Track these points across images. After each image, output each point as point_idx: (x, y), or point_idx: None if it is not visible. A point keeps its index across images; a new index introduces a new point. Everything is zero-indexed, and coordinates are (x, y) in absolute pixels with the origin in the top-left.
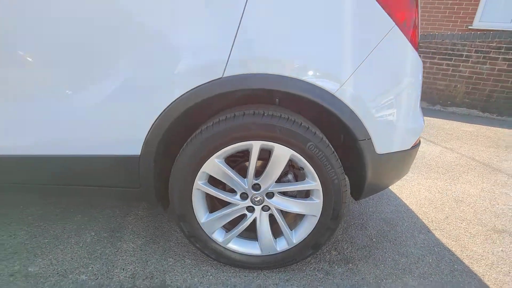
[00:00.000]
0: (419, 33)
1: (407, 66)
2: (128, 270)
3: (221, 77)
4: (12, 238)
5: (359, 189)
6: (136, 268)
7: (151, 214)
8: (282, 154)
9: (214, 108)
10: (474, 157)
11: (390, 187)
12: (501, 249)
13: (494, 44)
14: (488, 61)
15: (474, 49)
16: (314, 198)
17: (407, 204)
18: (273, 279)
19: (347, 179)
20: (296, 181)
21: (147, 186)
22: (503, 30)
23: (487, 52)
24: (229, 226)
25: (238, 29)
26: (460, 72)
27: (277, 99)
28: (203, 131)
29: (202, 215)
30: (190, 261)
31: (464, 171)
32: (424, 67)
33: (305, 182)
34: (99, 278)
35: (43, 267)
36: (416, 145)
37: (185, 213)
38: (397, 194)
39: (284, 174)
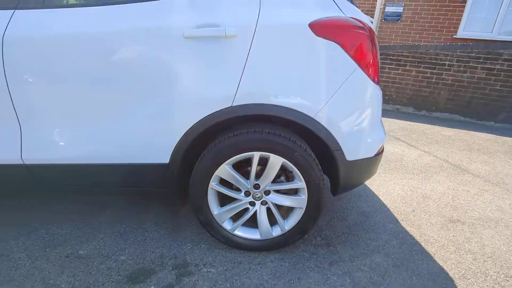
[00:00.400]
0: (379, 68)
1: (368, 95)
2: (157, 252)
3: (231, 106)
4: (61, 229)
5: (335, 188)
6: (163, 251)
7: (168, 211)
8: (276, 161)
9: (225, 127)
10: (447, 160)
11: (369, 187)
12: (452, 234)
13: (474, 54)
14: (468, 69)
15: (456, 58)
16: (301, 195)
17: (382, 200)
18: (270, 258)
19: (327, 179)
20: (287, 181)
21: (172, 186)
22: (481, 39)
23: (467, 62)
24: (235, 217)
25: (243, 72)
26: (443, 80)
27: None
28: (217, 144)
29: (214, 208)
30: (204, 245)
31: (436, 172)
32: (410, 76)
33: (294, 182)
34: (135, 258)
35: (90, 250)
36: (379, 153)
37: (202, 207)
38: (375, 192)
39: (277, 176)
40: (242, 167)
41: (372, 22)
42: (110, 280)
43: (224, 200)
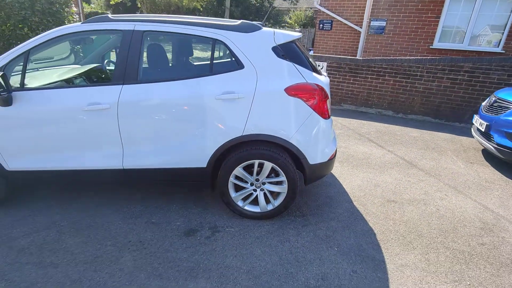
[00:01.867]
0: (329, 109)
1: (320, 126)
2: (197, 220)
3: (242, 135)
4: (135, 208)
5: (305, 180)
6: (200, 219)
7: (200, 196)
8: (268, 165)
9: (239, 146)
10: (403, 157)
11: (337, 178)
12: (385, 209)
13: (440, 67)
14: (436, 79)
15: (426, 70)
16: (283, 185)
17: (345, 188)
18: (266, 222)
19: (300, 174)
20: (275, 177)
21: (207, 180)
22: (454, 49)
23: (435, 73)
24: (244, 198)
25: (248, 116)
26: (416, 88)
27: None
28: (234, 156)
29: (232, 193)
30: (226, 216)
31: (391, 167)
32: (389, 84)
33: (279, 177)
34: (185, 223)
35: (158, 219)
36: (332, 159)
37: (225, 193)
38: (341, 183)
39: (269, 174)
40: (248, 169)
41: (360, 33)
42: (175, 235)
43: (237, 188)
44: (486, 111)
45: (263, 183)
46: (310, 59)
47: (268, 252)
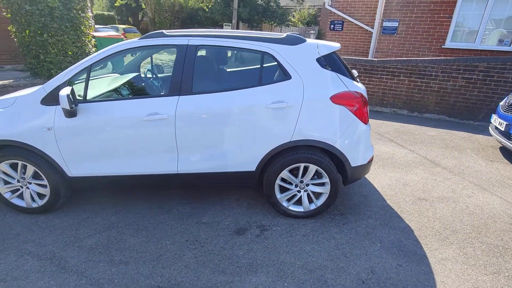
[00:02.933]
0: (368, 115)
1: (361, 131)
2: (244, 219)
3: (290, 141)
4: (184, 210)
5: (345, 181)
6: (247, 219)
7: (242, 197)
8: (313, 168)
9: (287, 150)
10: (426, 156)
11: (367, 178)
12: (418, 207)
13: (455, 67)
14: (451, 79)
15: (441, 70)
16: (326, 186)
17: (376, 187)
18: (309, 221)
19: (340, 177)
20: (318, 178)
21: (255, 183)
22: (466, 49)
23: (450, 73)
24: (289, 199)
25: (296, 123)
26: (431, 87)
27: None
28: (281, 159)
29: (278, 194)
30: (270, 216)
31: (415, 166)
32: (404, 84)
33: (322, 179)
34: (233, 223)
35: (208, 219)
36: (370, 161)
37: (271, 194)
38: (371, 182)
39: (313, 175)
40: (292, 171)
41: (372, 33)
42: (227, 234)
43: (282, 190)
44: (505, 111)
45: (307, 185)
46: (348, 68)
47: (317, 249)
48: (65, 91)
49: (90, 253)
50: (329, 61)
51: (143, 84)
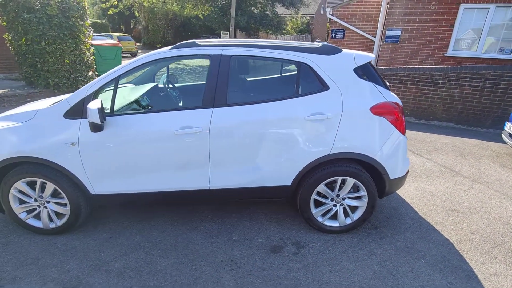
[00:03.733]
0: (404, 124)
1: (400, 143)
2: (277, 236)
3: (329, 154)
4: (210, 226)
5: (381, 194)
6: (280, 235)
7: (269, 212)
8: (351, 181)
9: (324, 164)
10: (445, 165)
11: None
12: (451, 219)
13: (462, 75)
14: (458, 87)
15: (447, 78)
16: (363, 199)
17: (404, 198)
18: (344, 236)
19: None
20: (354, 192)
21: (289, 197)
22: (468, 57)
23: (456, 80)
24: (323, 213)
25: (335, 136)
26: (438, 95)
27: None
28: (318, 173)
29: (313, 209)
30: (303, 231)
31: (437, 175)
32: (411, 92)
33: (360, 192)
34: (266, 240)
35: (239, 237)
36: (407, 173)
37: (306, 209)
38: (398, 193)
39: (350, 189)
40: (328, 185)
41: (374, 42)
42: (262, 252)
43: (317, 204)
44: None
45: (343, 198)
46: (382, 77)
47: (360, 267)
48: (95, 104)
49: (119, 278)
50: (365, 71)
51: (169, 95)
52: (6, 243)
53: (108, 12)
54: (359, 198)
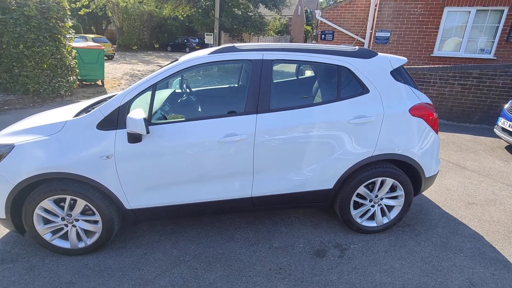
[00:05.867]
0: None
1: (435, 142)
2: (317, 240)
3: (372, 155)
4: (247, 234)
5: (416, 191)
6: (319, 239)
7: (303, 215)
8: (389, 182)
9: (366, 165)
10: (449, 160)
11: None
12: (473, 212)
13: (451, 74)
14: (448, 85)
15: (438, 77)
16: (399, 198)
17: (424, 194)
18: (383, 236)
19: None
20: (391, 191)
21: (330, 201)
22: (452, 57)
23: (447, 79)
24: (362, 215)
25: (378, 138)
26: (430, 93)
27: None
28: (359, 175)
29: (352, 211)
30: (341, 233)
31: (446, 170)
32: None
33: (397, 192)
34: (307, 244)
35: (280, 243)
36: (438, 172)
37: (346, 211)
38: None
39: (388, 189)
40: (367, 186)
41: (364, 43)
42: (307, 257)
43: (355, 205)
44: None
45: (381, 199)
46: (413, 79)
47: (406, 265)
48: (139, 114)
49: None
50: (400, 74)
51: (206, 101)
52: (30, 267)
53: (80, 12)
54: (395, 197)
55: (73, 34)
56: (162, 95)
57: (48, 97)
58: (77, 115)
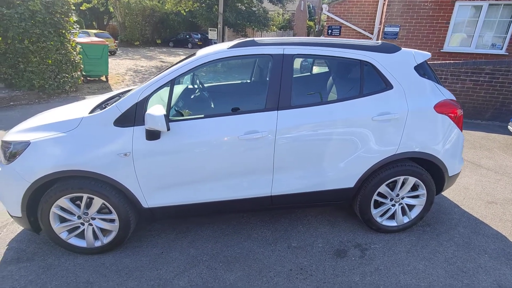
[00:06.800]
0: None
1: (460, 140)
2: (336, 240)
3: (395, 153)
4: (263, 233)
5: (439, 190)
6: (339, 238)
7: (320, 214)
8: (412, 180)
9: (387, 164)
10: (464, 158)
11: None
12: (493, 211)
13: (463, 70)
14: (460, 81)
15: (450, 73)
16: (421, 197)
17: (443, 193)
18: (403, 235)
19: None
20: (412, 190)
21: (350, 199)
22: (463, 52)
23: (458, 75)
24: (382, 214)
25: (402, 135)
26: None
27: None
28: (382, 173)
29: (373, 210)
30: (360, 233)
31: (462, 168)
32: None
33: (419, 191)
34: (325, 244)
35: (298, 243)
36: (460, 171)
37: (366, 210)
38: None
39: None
40: (389, 185)
41: (372, 39)
42: (328, 258)
43: (375, 205)
44: None
45: (402, 198)
46: (436, 75)
47: (430, 266)
48: (159, 110)
49: None
50: (424, 69)
51: (220, 97)
52: (47, 267)
53: (81, 7)
54: (416, 196)
55: (77, 29)
56: (176, 91)
57: (53, 92)
58: (92, 111)
